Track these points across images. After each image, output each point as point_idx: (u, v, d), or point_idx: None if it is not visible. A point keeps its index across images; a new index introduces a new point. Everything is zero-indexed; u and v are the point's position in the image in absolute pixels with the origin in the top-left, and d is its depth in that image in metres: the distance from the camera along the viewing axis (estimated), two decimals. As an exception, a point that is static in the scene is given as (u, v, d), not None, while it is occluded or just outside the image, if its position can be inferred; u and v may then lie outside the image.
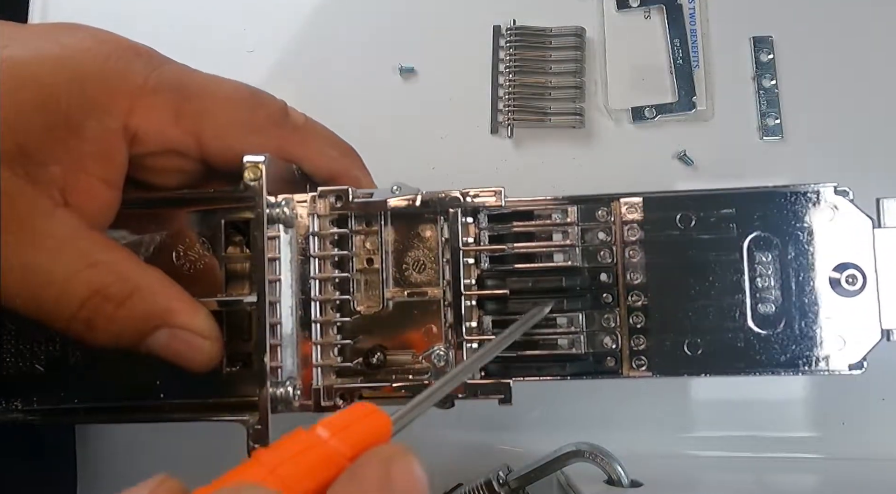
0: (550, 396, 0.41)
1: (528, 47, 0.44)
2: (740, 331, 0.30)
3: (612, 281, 0.31)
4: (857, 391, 0.40)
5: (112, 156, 0.29)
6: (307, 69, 0.46)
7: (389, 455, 0.20)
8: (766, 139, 0.43)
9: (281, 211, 0.30)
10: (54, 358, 0.32)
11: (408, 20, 0.46)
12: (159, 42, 0.32)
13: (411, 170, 0.44)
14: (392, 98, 0.45)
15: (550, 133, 0.44)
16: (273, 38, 0.46)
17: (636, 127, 0.43)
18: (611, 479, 0.34)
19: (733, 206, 0.31)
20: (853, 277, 0.30)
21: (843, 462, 0.40)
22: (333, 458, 0.20)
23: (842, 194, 0.30)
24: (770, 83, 0.43)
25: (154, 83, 0.30)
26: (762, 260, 0.30)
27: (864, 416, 0.40)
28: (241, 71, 0.46)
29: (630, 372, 0.31)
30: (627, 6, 0.44)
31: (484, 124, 0.44)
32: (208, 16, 0.47)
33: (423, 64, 0.45)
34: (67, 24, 0.30)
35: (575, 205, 0.31)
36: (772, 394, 0.41)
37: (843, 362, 0.30)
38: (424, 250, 0.32)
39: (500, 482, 0.36)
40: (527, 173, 0.44)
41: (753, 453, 0.40)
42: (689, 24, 0.44)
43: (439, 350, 0.31)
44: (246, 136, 0.31)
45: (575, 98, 0.44)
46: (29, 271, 0.27)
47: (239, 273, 0.32)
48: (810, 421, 0.40)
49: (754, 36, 0.43)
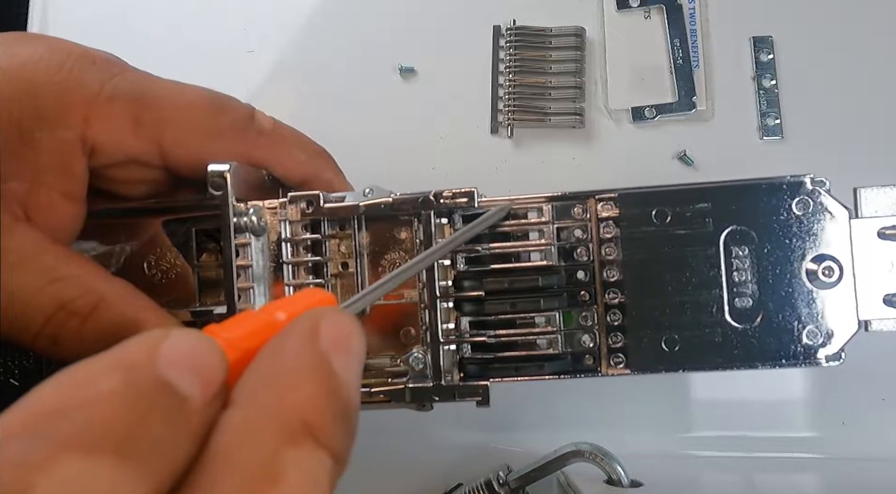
0: (550, 396, 0.41)
1: (528, 47, 0.44)
2: (718, 326, 0.30)
3: (588, 278, 0.31)
4: (857, 391, 0.40)
5: (70, 168, 0.28)
6: (307, 69, 0.46)
7: (321, 312, 0.19)
8: (766, 139, 0.43)
9: (249, 219, 0.29)
10: (29, 371, 0.32)
11: (408, 20, 0.46)
12: (159, 42, 0.32)
13: (411, 170, 0.44)
14: (392, 98, 0.45)
15: (550, 133, 0.44)
16: (273, 38, 0.46)
17: (636, 127, 0.43)
18: (611, 479, 0.34)
19: (709, 201, 0.30)
20: (830, 269, 0.30)
21: (843, 462, 0.40)
22: (274, 324, 0.19)
23: (818, 185, 0.30)
24: (770, 83, 0.43)
25: (110, 91, 0.29)
26: (739, 254, 0.30)
27: (864, 416, 0.40)
28: (241, 71, 0.46)
29: (608, 370, 0.30)
30: (627, 6, 0.44)
31: (484, 124, 0.44)
32: (208, 16, 0.47)
33: (423, 64, 0.45)
34: (21, 34, 0.29)
35: (550, 204, 0.31)
36: (772, 394, 0.41)
37: (821, 354, 0.29)
38: (400, 252, 0.31)
39: (500, 482, 0.36)
40: (527, 173, 0.44)
41: (753, 453, 0.40)
42: (689, 24, 0.44)
43: (417, 353, 0.30)
44: (209, 143, 0.30)
45: (575, 98, 0.44)
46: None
47: (214, 280, 0.32)
48: (810, 421, 0.40)
49: (754, 36, 0.43)
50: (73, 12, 0.47)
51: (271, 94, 0.46)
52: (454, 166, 0.44)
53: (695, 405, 0.41)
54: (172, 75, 0.31)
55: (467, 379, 0.31)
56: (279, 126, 0.33)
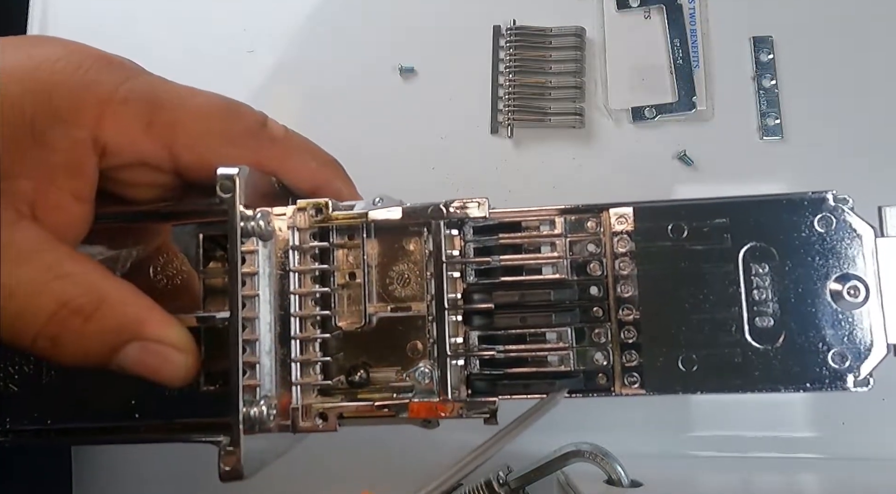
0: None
1: (528, 47, 0.44)
2: (737, 346, 0.29)
3: (602, 294, 0.30)
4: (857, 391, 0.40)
5: (81, 168, 0.28)
6: (307, 69, 0.46)
7: None
8: (766, 139, 0.43)
9: (256, 224, 0.29)
10: (28, 377, 0.31)
11: (408, 20, 0.46)
12: (160, 43, 0.32)
13: (411, 170, 0.44)
14: (392, 98, 0.45)
15: (550, 133, 0.44)
16: (273, 38, 0.46)
17: (636, 127, 0.43)
18: (611, 479, 0.34)
19: (727, 216, 0.29)
20: (855, 289, 0.28)
21: (843, 462, 0.40)
22: None
23: (841, 202, 0.29)
24: (770, 83, 0.43)
25: (124, 93, 0.29)
26: (759, 272, 0.29)
27: (864, 416, 0.40)
28: (241, 71, 0.46)
29: (622, 389, 0.29)
30: (627, 6, 0.44)
31: (484, 124, 0.44)
32: (208, 16, 0.47)
33: (423, 64, 0.45)
34: (37, 37, 0.29)
35: (563, 216, 0.30)
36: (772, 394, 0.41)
37: (849, 379, 0.28)
38: (409, 263, 0.31)
39: (500, 482, 0.36)
40: (527, 173, 0.44)
41: (753, 453, 0.40)
42: (689, 24, 0.44)
43: (424, 367, 0.30)
44: (220, 148, 0.30)
45: (575, 98, 0.44)
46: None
47: (219, 288, 0.31)
48: (810, 421, 0.40)
49: (754, 36, 0.43)
50: (73, 14, 0.47)
51: (271, 95, 0.46)
52: (454, 166, 0.44)
53: (694, 405, 0.41)
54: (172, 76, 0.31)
55: (475, 396, 0.30)
56: (291, 134, 0.33)
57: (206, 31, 0.47)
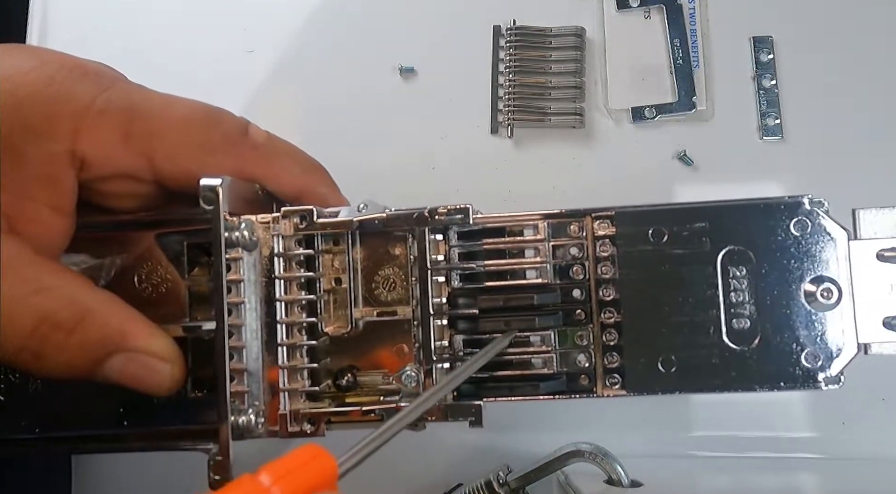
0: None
1: (528, 47, 0.44)
2: (715, 347, 0.29)
3: (584, 297, 0.30)
4: (857, 391, 0.40)
5: (58, 181, 0.28)
6: (307, 69, 0.46)
7: None
8: (766, 139, 0.43)
9: (241, 234, 0.29)
10: (15, 387, 0.31)
11: (408, 20, 0.46)
12: (160, 44, 0.31)
13: (411, 170, 0.44)
14: (392, 98, 0.45)
15: (550, 133, 0.44)
16: (273, 38, 0.46)
17: (636, 127, 0.43)
18: (611, 479, 0.34)
19: (706, 220, 0.30)
20: (829, 291, 0.29)
21: (842, 462, 0.40)
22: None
23: (817, 205, 0.30)
24: (770, 83, 0.43)
25: (101, 104, 0.28)
26: (736, 275, 0.30)
27: (864, 416, 0.40)
28: (241, 71, 0.46)
29: (604, 390, 0.30)
30: (627, 6, 0.44)
31: (484, 124, 0.44)
32: (208, 16, 0.47)
33: (423, 64, 0.45)
34: (11, 46, 0.29)
35: (546, 221, 0.31)
36: (771, 394, 0.41)
37: (821, 377, 0.29)
38: (394, 268, 0.31)
39: (500, 482, 0.36)
40: (527, 173, 0.44)
41: (753, 453, 0.40)
42: (689, 24, 0.44)
43: (410, 370, 0.30)
44: (200, 157, 0.30)
45: (575, 98, 0.44)
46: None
47: (205, 295, 0.31)
48: (810, 421, 0.40)
49: (754, 36, 0.43)
50: (73, 15, 0.47)
51: (271, 95, 0.46)
52: (454, 166, 0.44)
53: (694, 405, 0.41)
54: (172, 76, 0.31)
55: (460, 399, 0.30)
56: (273, 139, 0.32)
57: (206, 31, 0.47)
